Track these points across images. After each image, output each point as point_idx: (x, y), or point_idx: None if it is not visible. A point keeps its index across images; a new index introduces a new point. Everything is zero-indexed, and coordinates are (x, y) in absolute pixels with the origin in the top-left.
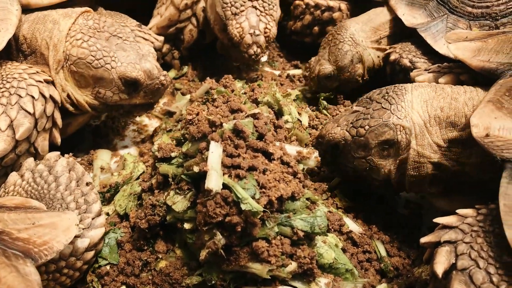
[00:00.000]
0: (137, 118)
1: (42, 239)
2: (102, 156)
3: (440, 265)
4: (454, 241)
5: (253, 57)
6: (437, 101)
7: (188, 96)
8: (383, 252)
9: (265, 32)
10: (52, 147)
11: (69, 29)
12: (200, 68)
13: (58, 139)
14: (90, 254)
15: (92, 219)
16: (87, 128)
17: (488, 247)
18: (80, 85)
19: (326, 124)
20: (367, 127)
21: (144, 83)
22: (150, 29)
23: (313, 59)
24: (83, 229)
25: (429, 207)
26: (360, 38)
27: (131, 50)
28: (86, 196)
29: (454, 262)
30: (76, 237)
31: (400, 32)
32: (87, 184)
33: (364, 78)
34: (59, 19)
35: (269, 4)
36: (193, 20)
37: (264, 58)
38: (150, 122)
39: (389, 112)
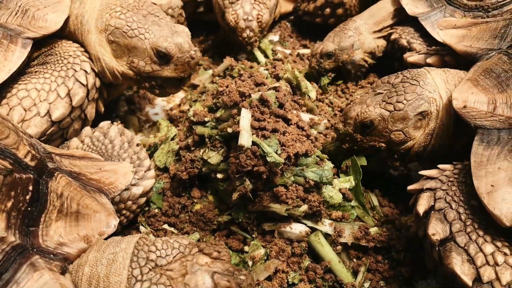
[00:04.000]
0: None
1: (109, 180)
2: (131, 121)
3: (422, 207)
4: (434, 189)
5: (246, 39)
6: (450, 79)
7: (210, 71)
8: (375, 202)
9: (258, 18)
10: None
11: (109, 3)
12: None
13: (102, 108)
14: (143, 200)
15: (145, 172)
16: (122, 97)
17: (460, 194)
18: (117, 55)
19: (352, 107)
20: (404, 101)
21: (174, 56)
22: None
23: (318, 42)
24: (138, 179)
25: (415, 170)
26: (363, 29)
27: (165, 26)
28: (138, 154)
29: (433, 204)
30: (132, 185)
31: (400, 20)
32: (137, 145)
33: (368, 63)
34: None
35: None
36: None
37: (276, 38)
38: (176, 94)
39: (419, 87)
